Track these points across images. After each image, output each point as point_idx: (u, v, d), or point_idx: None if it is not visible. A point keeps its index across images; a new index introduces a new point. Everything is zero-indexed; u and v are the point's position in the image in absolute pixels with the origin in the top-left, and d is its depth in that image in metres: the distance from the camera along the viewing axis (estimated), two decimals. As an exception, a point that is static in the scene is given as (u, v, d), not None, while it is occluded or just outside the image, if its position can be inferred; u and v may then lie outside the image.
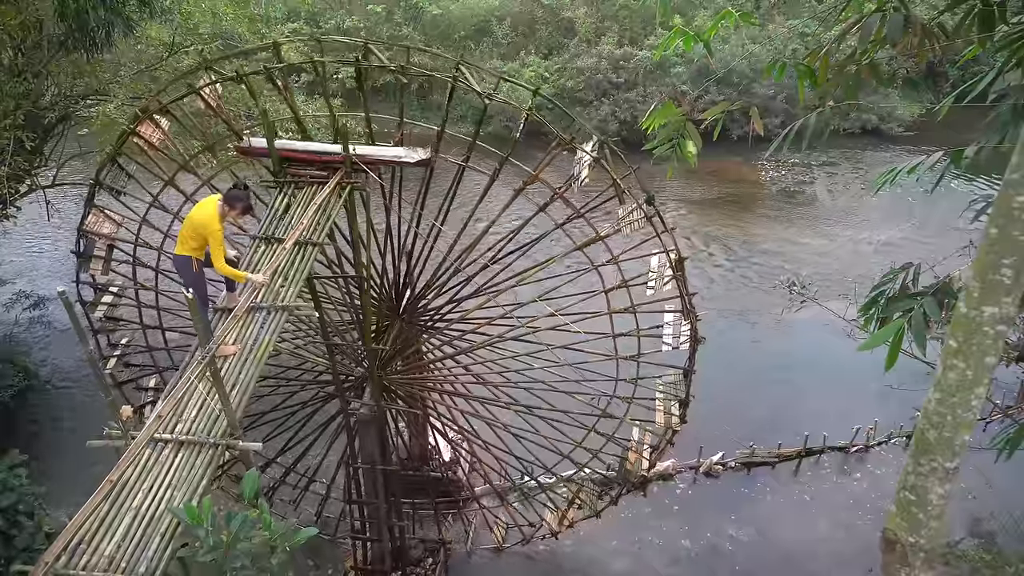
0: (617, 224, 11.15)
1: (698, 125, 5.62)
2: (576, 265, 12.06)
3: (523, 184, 11.02)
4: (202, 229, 7.67)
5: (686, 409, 12.20)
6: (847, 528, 16.17)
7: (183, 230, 7.92)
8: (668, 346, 11.58)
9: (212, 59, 10.94)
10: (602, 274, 11.57)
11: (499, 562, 15.70)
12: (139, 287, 12.13)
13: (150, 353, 12.79)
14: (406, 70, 10.45)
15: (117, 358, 12.23)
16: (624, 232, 11.13)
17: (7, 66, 14.46)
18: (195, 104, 11.01)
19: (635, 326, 11.65)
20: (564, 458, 13.42)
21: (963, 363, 3.51)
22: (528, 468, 14.11)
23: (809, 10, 35.47)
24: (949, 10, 5.20)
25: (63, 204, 21.26)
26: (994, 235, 3.35)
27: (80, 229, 11.18)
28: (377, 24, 39.20)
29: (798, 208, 32.34)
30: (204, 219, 7.68)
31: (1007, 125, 4.88)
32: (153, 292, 12.23)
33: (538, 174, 10.83)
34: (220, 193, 8.12)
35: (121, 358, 12.39)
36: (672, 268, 11.09)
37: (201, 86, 10.40)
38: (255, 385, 7.13)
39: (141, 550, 5.58)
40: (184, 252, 7.86)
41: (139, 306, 12.33)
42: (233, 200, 7.87)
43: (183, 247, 7.88)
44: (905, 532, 3.76)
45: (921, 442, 3.71)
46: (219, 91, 10.72)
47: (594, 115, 36.33)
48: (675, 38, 5.64)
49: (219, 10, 17.73)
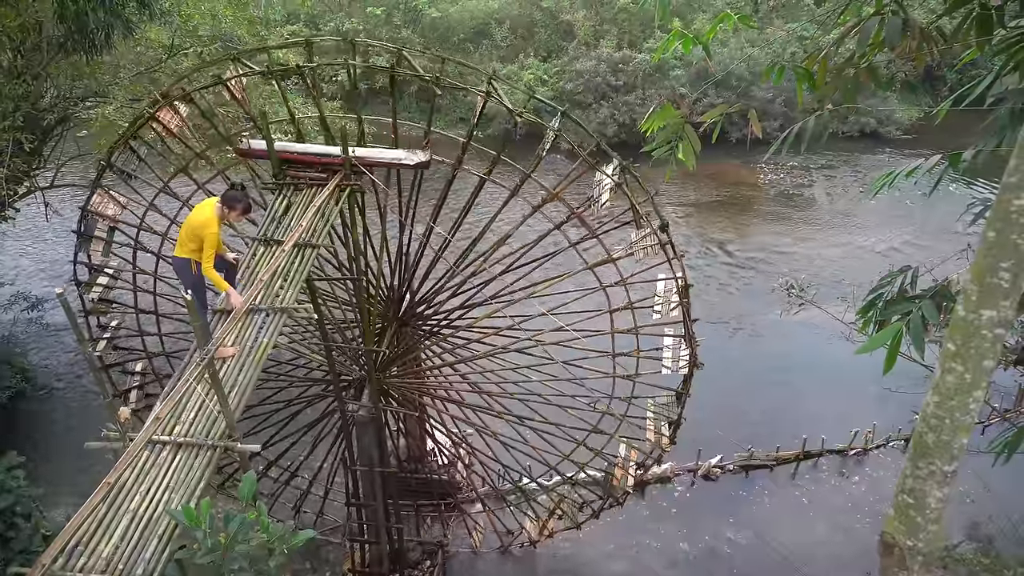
0: (630, 247, 11.38)
1: (697, 128, 5.63)
2: (584, 281, 12.16)
3: (542, 201, 11.10)
4: (200, 231, 7.65)
5: (676, 430, 12.44)
6: (845, 531, 16.17)
7: (182, 233, 7.90)
8: (667, 369, 11.81)
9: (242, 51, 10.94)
10: (609, 294, 11.70)
11: (498, 564, 15.68)
12: (137, 271, 11.95)
13: (141, 338, 12.48)
14: (440, 81, 10.42)
15: (107, 340, 11.86)
16: (637, 256, 11.36)
17: (6, 68, 14.46)
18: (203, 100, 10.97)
19: (636, 346, 11.81)
20: (551, 469, 13.64)
21: (961, 366, 3.51)
22: (514, 476, 14.32)
23: (808, 13, 35.57)
24: (947, 14, 5.22)
25: (62, 206, 21.24)
26: (992, 239, 3.35)
27: (84, 208, 11.03)
28: (376, 26, 39.22)
29: (796, 211, 32.36)
30: (202, 221, 7.68)
31: (1005, 129, 4.89)
32: (151, 277, 12.12)
33: (558, 193, 10.91)
34: (216, 196, 8.11)
35: (111, 340, 12.03)
36: (679, 294, 11.31)
37: (228, 77, 10.35)
38: (254, 386, 7.13)
39: (139, 552, 5.57)
40: (183, 255, 7.84)
41: (135, 290, 12.08)
42: (232, 201, 7.86)
43: (182, 249, 7.86)
44: (903, 535, 3.76)
45: (919, 445, 3.71)
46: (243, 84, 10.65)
47: (593, 118, 36.32)
48: (674, 40, 5.65)
49: (218, 12, 17.75)
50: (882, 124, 38.62)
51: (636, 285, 11.65)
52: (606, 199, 11.12)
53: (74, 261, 11.57)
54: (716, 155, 30.62)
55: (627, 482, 13.38)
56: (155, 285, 12.25)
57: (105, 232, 11.23)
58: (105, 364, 12.07)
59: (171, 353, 12.54)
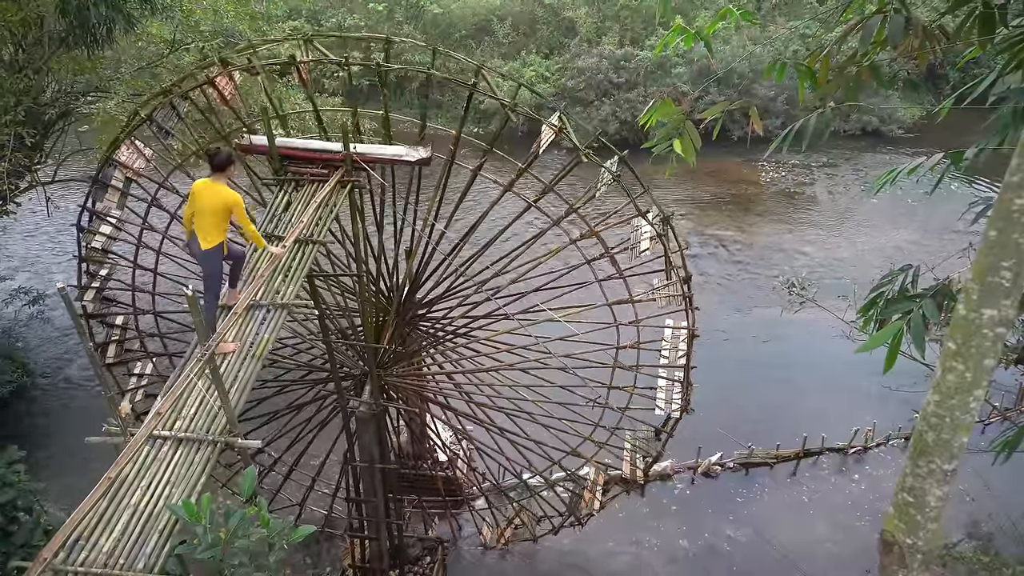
0: (652, 294, 11.74)
1: (698, 125, 5.62)
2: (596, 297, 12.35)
3: (580, 235, 11.36)
4: (228, 210, 7.48)
5: (652, 464, 13.04)
6: (845, 529, 16.19)
7: (205, 223, 7.53)
8: (660, 410, 12.24)
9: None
10: (620, 331, 12.05)
11: (497, 561, 15.72)
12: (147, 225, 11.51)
13: (133, 293, 11.95)
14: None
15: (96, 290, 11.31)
16: (659, 304, 11.78)
17: (8, 62, 14.47)
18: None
19: (632, 381, 12.27)
20: (521, 483, 14.23)
21: (962, 365, 3.50)
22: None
23: (810, 11, 35.46)
24: (950, 12, 5.20)
25: (63, 200, 21.25)
26: (993, 237, 3.34)
27: (109, 158, 10.54)
28: (378, 23, 39.18)
29: (798, 209, 32.33)
30: (224, 199, 7.49)
31: (1007, 127, 4.88)
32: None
33: (596, 232, 11.20)
34: (208, 177, 7.73)
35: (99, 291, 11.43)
36: (687, 342, 11.81)
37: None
38: (254, 382, 7.14)
39: (139, 547, 5.58)
40: (217, 241, 7.57)
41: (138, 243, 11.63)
42: (225, 163, 7.63)
43: (214, 237, 7.55)
44: (903, 534, 3.77)
45: (919, 444, 3.71)
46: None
47: (595, 115, 36.29)
48: (675, 35, 5.63)
49: (220, 7, 17.73)
50: (884, 122, 38.58)
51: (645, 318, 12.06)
52: (645, 247, 11.30)
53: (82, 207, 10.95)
54: (717, 153, 30.60)
55: (593, 505, 13.90)
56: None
57: (122, 183, 10.68)
58: (106, 361, 11.98)
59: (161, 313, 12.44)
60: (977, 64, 24.86)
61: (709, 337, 13.03)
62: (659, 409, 12.19)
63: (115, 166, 10.56)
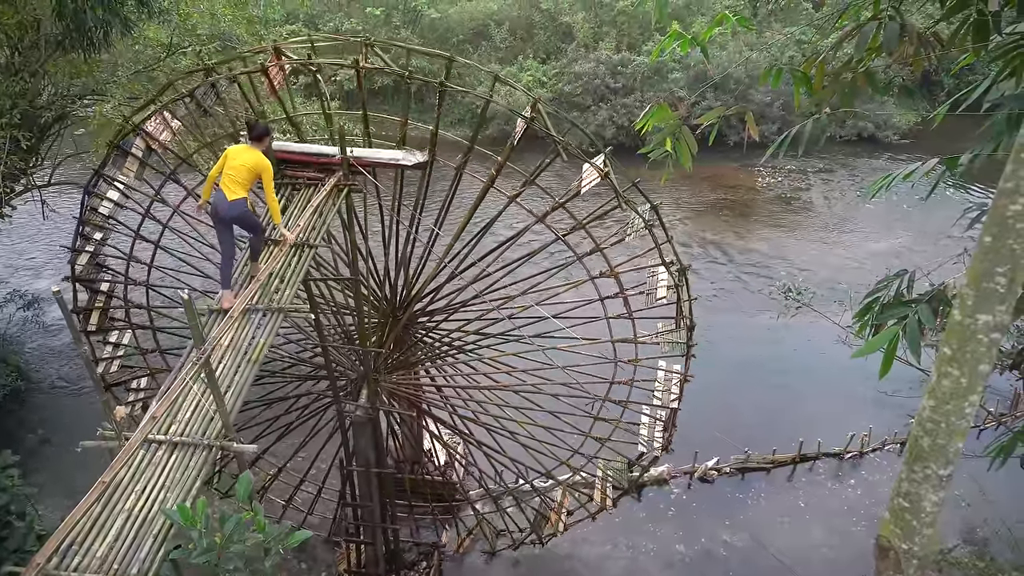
0: (657, 338, 11.95)
1: (694, 130, 5.64)
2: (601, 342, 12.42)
3: (600, 274, 11.40)
4: (258, 170, 8.11)
5: (622, 495, 13.37)
6: (841, 534, 16.18)
7: (236, 175, 8.03)
8: (642, 447, 12.46)
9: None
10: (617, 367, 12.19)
11: (493, 566, 15.67)
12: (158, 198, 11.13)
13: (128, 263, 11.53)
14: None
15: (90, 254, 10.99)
16: (662, 348, 11.97)
17: (4, 65, 14.43)
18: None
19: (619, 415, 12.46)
20: (491, 499, 14.55)
21: (957, 371, 3.51)
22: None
23: (806, 17, 35.70)
24: (945, 19, 5.23)
25: (59, 204, 21.20)
26: (988, 243, 3.36)
27: (138, 126, 10.23)
28: (375, 27, 39.23)
29: (794, 214, 32.42)
30: (257, 160, 8.13)
31: (1001, 134, 4.90)
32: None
33: (616, 273, 11.27)
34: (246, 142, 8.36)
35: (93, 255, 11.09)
36: (680, 386, 12.12)
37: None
38: (250, 386, 7.12)
39: (133, 552, 5.55)
40: (242, 195, 8.09)
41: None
42: (263, 133, 8.32)
43: (240, 190, 8.07)
44: (899, 539, 3.77)
45: (915, 449, 3.72)
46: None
47: (592, 120, 36.36)
48: (671, 40, 5.65)
49: (217, 11, 17.73)
50: (879, 128, 38.74)
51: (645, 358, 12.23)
52: (662, 296, 11.34)
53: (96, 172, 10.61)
54: (713, 158, 30.64)
55: (558, 527, 14.12)
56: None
57: (141, 152, 10.32)
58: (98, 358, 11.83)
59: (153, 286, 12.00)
60: (971, 71, 24.99)
61: (705, 340, 13.01)
62: (641, 445, 12.45)
63: (139, 134, 10.24)
